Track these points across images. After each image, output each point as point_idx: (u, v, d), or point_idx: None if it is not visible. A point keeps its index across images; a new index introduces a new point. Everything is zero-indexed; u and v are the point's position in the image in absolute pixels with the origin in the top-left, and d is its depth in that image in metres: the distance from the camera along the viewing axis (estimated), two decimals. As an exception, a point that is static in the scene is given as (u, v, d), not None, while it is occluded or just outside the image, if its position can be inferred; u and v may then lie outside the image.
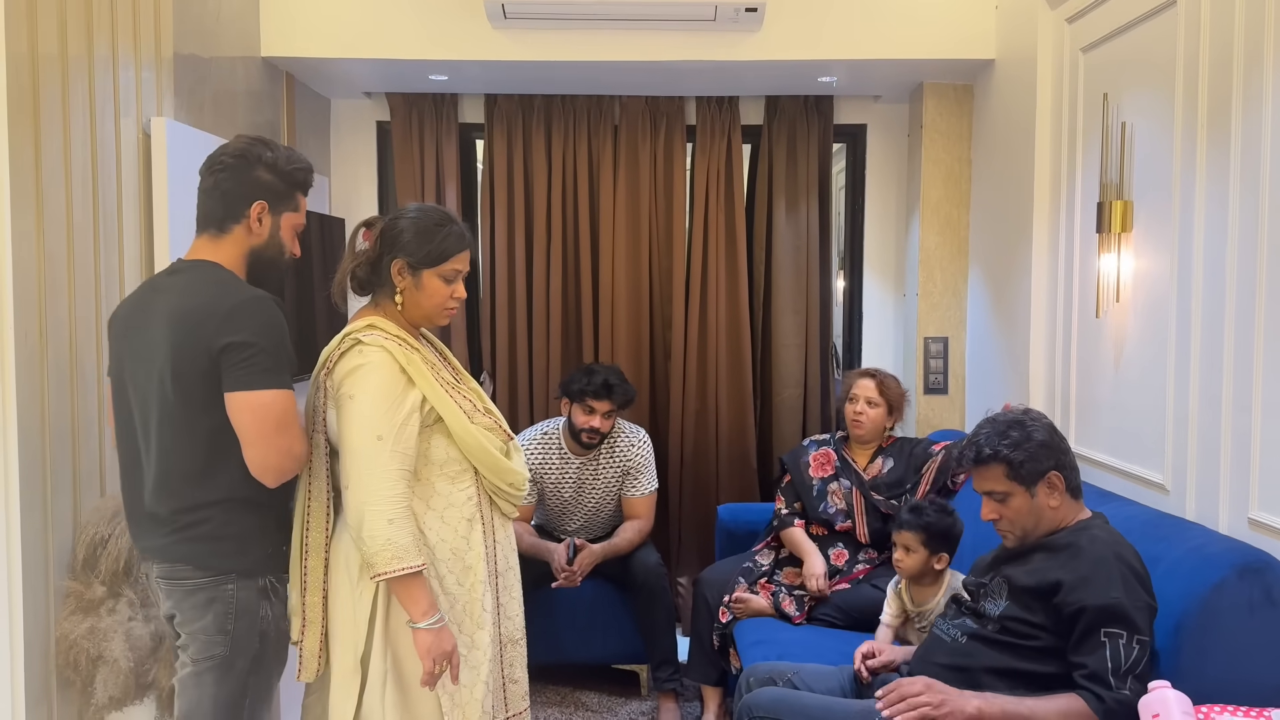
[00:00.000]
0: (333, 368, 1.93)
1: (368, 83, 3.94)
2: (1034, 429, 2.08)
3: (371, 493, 1.84)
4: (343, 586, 1.98)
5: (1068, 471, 2.09)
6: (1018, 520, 2.09)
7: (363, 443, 1.86)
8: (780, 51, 3.46)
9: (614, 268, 4.05)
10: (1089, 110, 2.81)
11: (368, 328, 1.95)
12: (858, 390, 3.25)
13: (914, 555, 2.59)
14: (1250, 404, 2.10)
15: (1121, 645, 1.88)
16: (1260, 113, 2.08)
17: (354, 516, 1.87)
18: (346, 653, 1.97)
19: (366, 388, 1.88)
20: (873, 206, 4.18)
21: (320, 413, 1.98)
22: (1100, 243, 2.64)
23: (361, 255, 2.01)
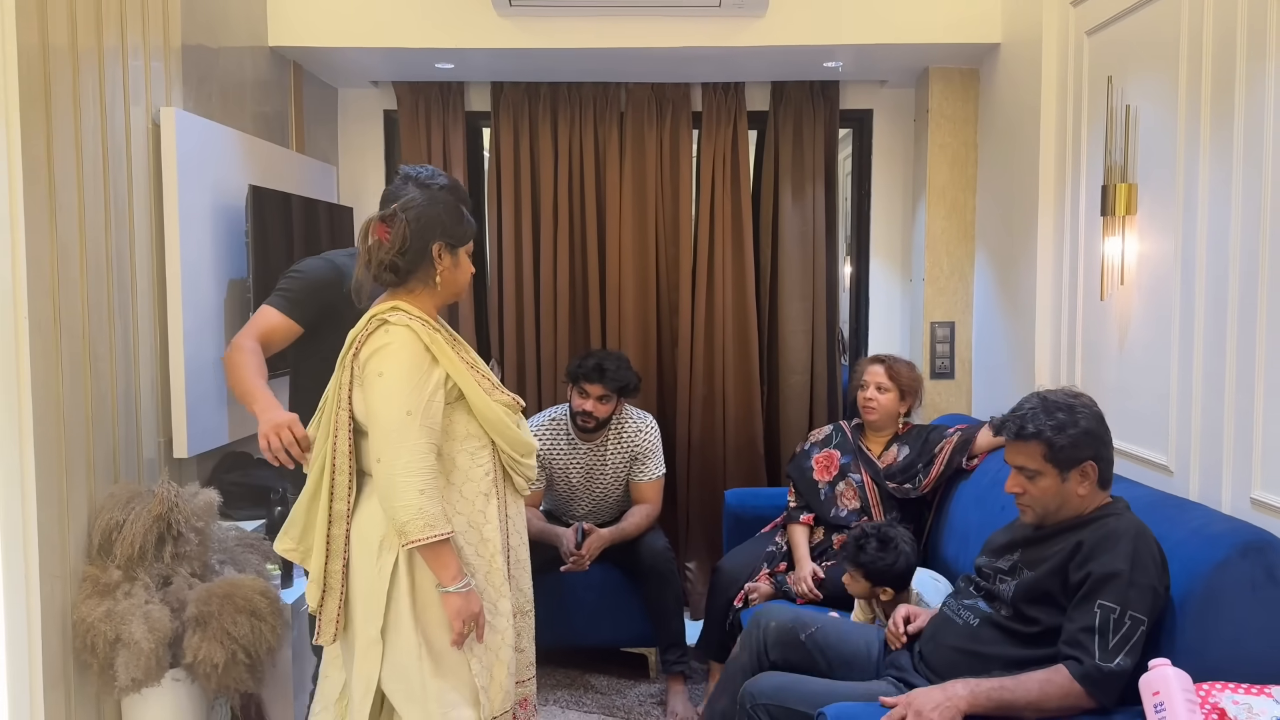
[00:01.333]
0: (359, 349, 2.00)
1: (375, 72, 3.95)
2: (1082, 415, 2.07)
3: (403, 465, 1.93)
4: (365, 557, 2.04)
5: (1104, 463, 2.08)
6: (1041, 499, 2.10)
7: (393, 418, 1.94)
8: (785, 37, 3.46)
9: (620, 255, 4.06)
10: (1093, 93, 2.81)
11: (392, 309, 2.02)
12: (868, 377, 3.26)
13: (858, 584, 2.64)
14: (1253, 384, 2.11)
15: (1113, 618, 1.89)
16: (1263, 94, 2.09)
17: (385, 488, 1.95)
18: (369, 623, 2.03)
19: (394, 365, 1.96)
20: (879, 192, 4.18)
21: (345, 391, 2.02)
22: (1105, 225, 2.65)
23: (393, 247, 2.01)
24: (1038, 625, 2.03)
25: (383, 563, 2.01)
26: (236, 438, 3.08)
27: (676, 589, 3.47)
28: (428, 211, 2.03)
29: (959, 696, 1.94)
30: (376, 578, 2.01)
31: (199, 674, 2.37)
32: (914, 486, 3.14)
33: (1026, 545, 2.13)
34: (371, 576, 2.02)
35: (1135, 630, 1.89)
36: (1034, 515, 2.13)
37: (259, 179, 3.16)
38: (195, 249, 2.82)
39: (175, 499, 2.46)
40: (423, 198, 2.04)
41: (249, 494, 3.00)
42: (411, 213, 2.02)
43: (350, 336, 2.04)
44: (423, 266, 2.05)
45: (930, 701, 1.95)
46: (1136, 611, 1.90)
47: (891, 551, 2.60)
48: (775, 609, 2.43)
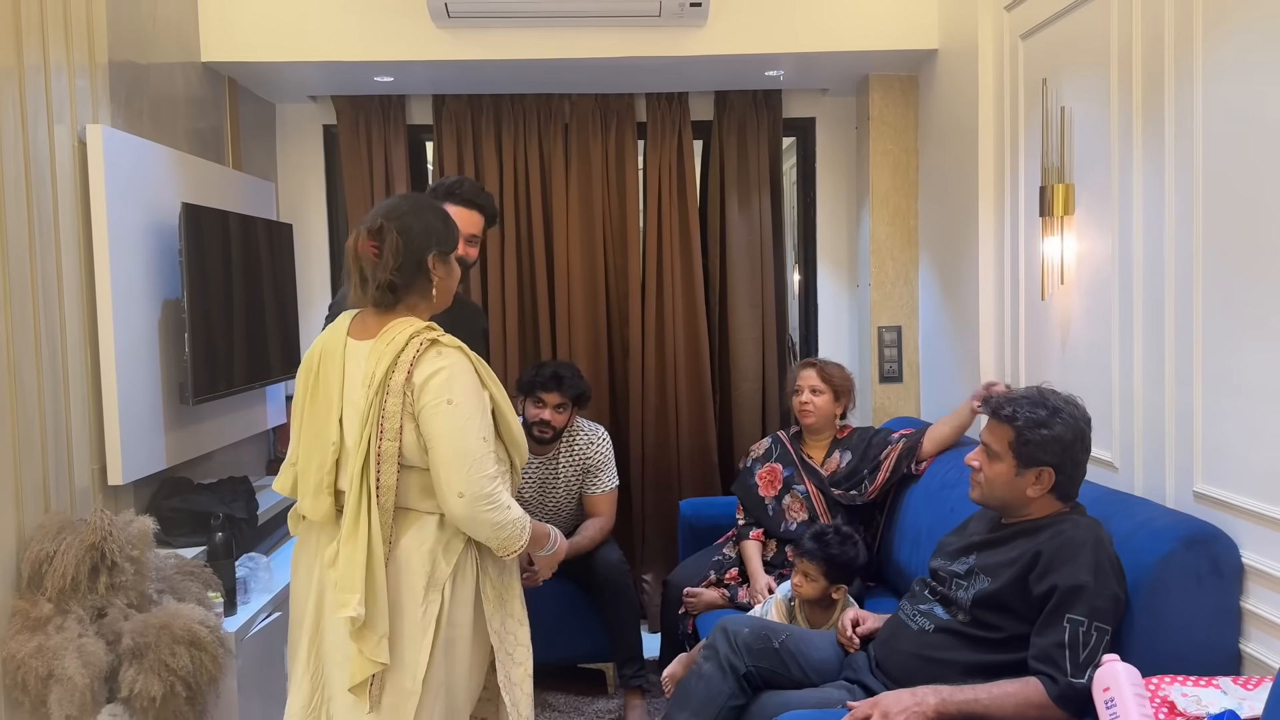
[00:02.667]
0: (412, 372, 1.85)
1: (312, 86, 3.90)
2: (1060, 423, 2.04)
3: (490, 494, 1.86)
4: (406, 602, 1.89)
5: (1064, 475, 2.06)
6: (992, 482, 2.10)
7: (472, 446, 1.85)
8: (726, 46, 3.47)
9: (569, 266, 4.04)
10: (1029, 96, 2.85)
11: (427, 328, 1.91)
12: (801, 381, 3.26)
13: (813, 583, 2.62)
14: (1191, 380, 2.14)
15: (1081, 631, 1.89)
16: (1191, 93, 2.12)
17: (476, 520, 1.86)
18: (403, 673, 1.89)
19: (462, 391, 1.86)
20: (824, 199, 4.20)
21: (396, 421, 1.84)
22: (1044, 226, 2.68)
23: (388, 264, 1.90)
24: (999, 632, 2.02)
25: (429, 603, 1.89)
26: (176, 462, 3.00)
27: (632, 602, 3.44)
28: (417, 221, 1.94)
29: (928, 704, 1.93)
30: (420, 623, 1.88)
31: (136, 708, 2.29)
32: (860, 493, 3.14)
33: (982, 548, 2.13)
34: (415, 621, 1.88)
35: (1101, 641, 1.90)
36: (979, 493, 2.15)
37: (193, 197, 3.08)
38: (126, 270, 2.74)
39: (109, 527, 2.38)
40: (408, 206, 1.97)
41: (189, 520, 2.92)
42: (399, 223, 1.92)
43: (386, 358, 1.86)
44: (419, 281, 1.95)
45: (899, 704, 1.94)
46: (1102, 622, 1.90)
47: (851, 545, 2.64)
48: (739, 618, 2.41)
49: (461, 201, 2.60)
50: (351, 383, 1.91)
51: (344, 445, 1.91)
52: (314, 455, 1.94)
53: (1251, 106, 1.95)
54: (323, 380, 1.96)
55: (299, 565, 2.07)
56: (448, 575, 1.91)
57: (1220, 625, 1.97)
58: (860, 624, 2.32)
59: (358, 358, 1.91)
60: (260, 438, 3.90)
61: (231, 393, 3.25)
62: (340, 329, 1.98)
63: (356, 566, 1.84)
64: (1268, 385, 1.92)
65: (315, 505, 1.94)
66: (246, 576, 2.90)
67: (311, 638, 1.97)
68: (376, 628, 1.84)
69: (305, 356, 2.04)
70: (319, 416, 1.95)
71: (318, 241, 4.14)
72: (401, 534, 1.90)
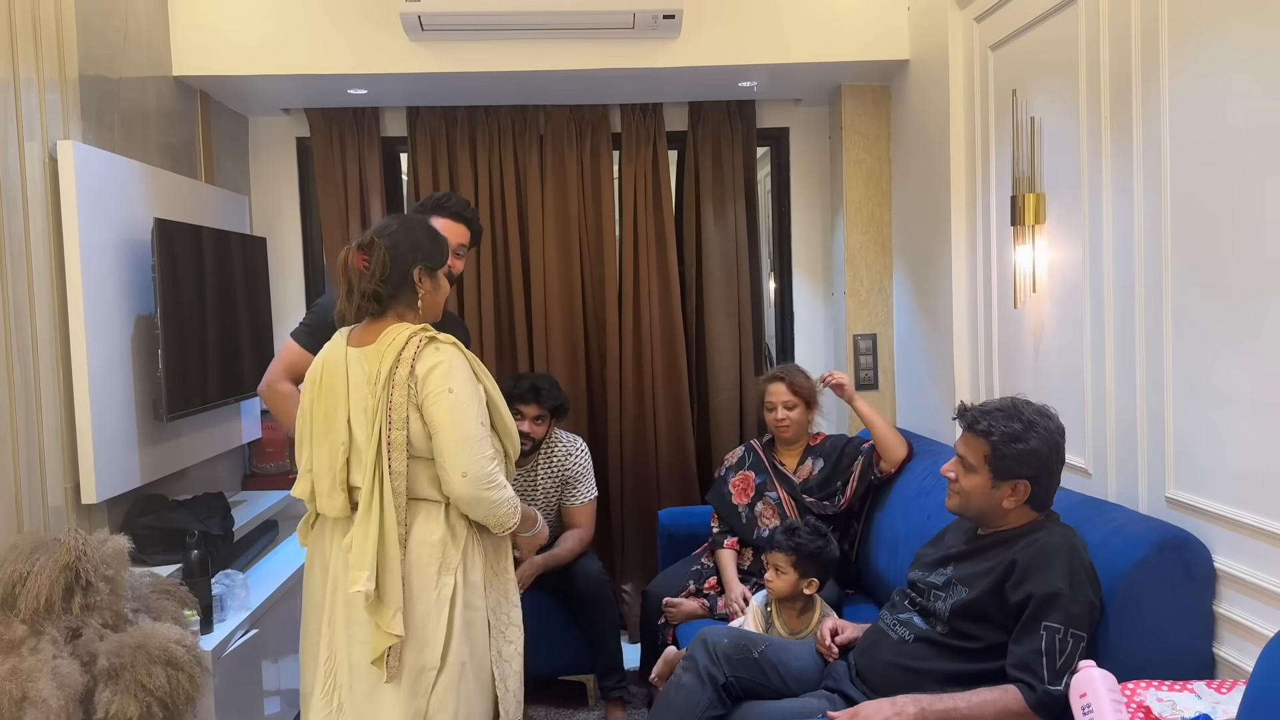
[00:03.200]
0: (414, 366, 2.02)
1: (285, 99, 3.88)
2: (1035, 436, 2.05)
3: (490, 474, 2.03)
4: (422, 585, 2.04)
5: (1039, 487, 2.08)
6: (968, 493, 2.12)
7: (472, 430, 2.02)
8: (700, 57, 3.49)
9: (545, 277, 4.04)
10: (999, 107, 2.88)
11: (422, 329, 2.08)
12: (772, 397, 3.26)
13: (784, 577, 2.63)
14: (1162, 386, 2.17)
15: (1058, 639, 1.91)
16: (1158, 103, 2.16)
17: (475, 498, 2.03)
18: (421, 652, 2.04)
19: (460, 381, 2.04)
20: (798, 208, 4.23)
21: (403, 411, 2.01)
22: (1015, 235, 2.71)
23: (374, 275, 2.08)
24: (978, 642, 2.04)
25: (442, 585, 2.05)
26: (150, 479, 2.97)
27: (612, 613, 3.44)
28: (405, 238, 2.11)
29: (907, 713, 1.94)
30: (435, 604, 2.04)
31: (113, 730, 2.26)
32: (833, 504, 3.16)
33: (959, 560, 2.15)
34: (430, 602, 2.04)
35: (1077, 648, 1.92)
36: (956, 503, 2.17)
37: (165, 212, 3.06)
38: (99, 286, 2.72)
39: (83, 547, 2.35)
40: (398, 224, 2.15)
41: (164, 537, 2.89)
42: (389, 239, 2.09)
43: (389, 356, 2.03)
44: (405, 293, 2.11)
45: (879, 714, 1.95)
46: (1078, 629, 1.92)
47: (821, 538, 2.67)
48: (718, 629, 2.41)
49: (449, 215, 2.68)
50: (356, 385, 2.08)
51: (353, 443, 2.08)
52: (325, 457, 2.11)
53: (1217, 118, 1.98)
54: (327, 389, 2.13)
55: (314, 564, 2.22)
56: (458, 560, 2.07)
57: (1194, 629, 2.00)
58: (839, 633, 2.33)
59: (359, 362, 2.09)
60: (236, 453, 3.87)
61: (206, 408, 3.22)
62: (339, 344, 2.16)
63: (369, 545, 2.00)
64: (1235, 392, 1.95)
65: (330, 502, 2.11)
66: (223, 594, 2.87)
67: (327, 629, 2.13)
68: (390, 602, 2.00)
69: (308, 373, 2.22)
70: (328, 421, 2.12)
71: (292, 255, 4.11)
72: (413, 522, 2.06)
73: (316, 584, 2.19)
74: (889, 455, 3.12)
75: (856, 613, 3.05)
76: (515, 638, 2.20)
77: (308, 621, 2.23)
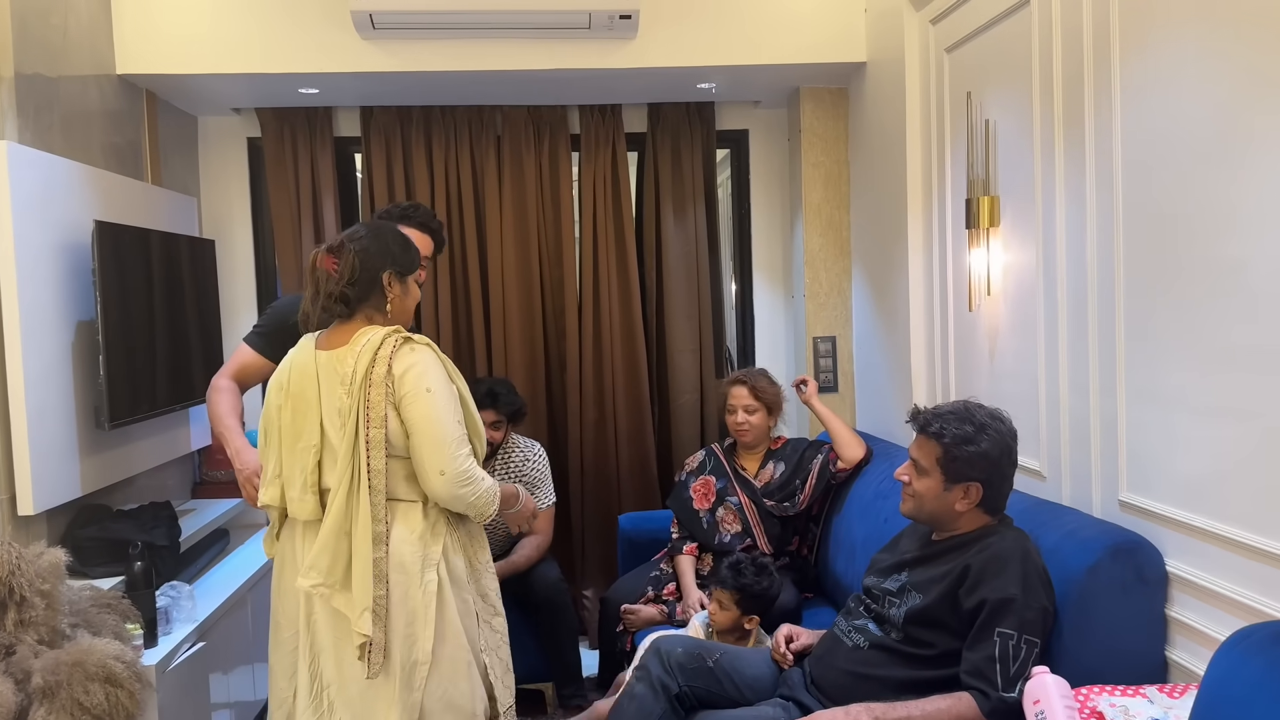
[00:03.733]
0: (391, 365, 2.02)
1: (235, 98, 3.80)
2: (987, 439, 2.05)
3: (466, 471, 2.05)
4: (407, 581, 2.04)
5: (992, 490, 2.07)
6: (921, 495, 2.11)
7: (450, 429, 2.04)
8: (657, 58, 3.46)
9: (504, 280, 3.99)
10: (955, 109, 2.88)
11: (396, 330, 2.08)
12: (734, 400, 3.25)
13: (726, 613, 2.65)
14: (1114, 389, 2.17)
15: (1011, 645, 1.90)
16: (1111, 105, 2.16)
17: (455, 493, 2.04)
18: (412, 647, 2.04)
19: (436, 379, 2.06)
20: (758, 210, 4.22)
21: (381, 410, 2.00)
22: (970, 238, 2.71)
23: (342, 278, 2.08)
24: (932, 648, 2.02)
25: (427, 581, 2.05)
26: (92, 489, 2.89)
27: (571, 621, 3.40)
28: (375, 242, 2.12)
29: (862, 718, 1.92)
30: (421, 599, 2.04)
31: (48, 750, 2.19)
32: (792, 504, 3.15)
33: (913, 565, 2.14)
34: (416, 599, 2.04)
35: (1031, 654, 1.90)
36: (909, 507, 2.17)
37: (108, 214, 2.98)
38: (36, 290, 2.63)
39: (17, 561, 2.27)
40: (369, 230, 2.15)
41: (107, 549, 2.81)
42: (359, 243, 2.10)
43: (365, 357, 2.02)
44: (373, 296, 2.11)
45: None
46: (1031, 635, 1.91)
47: (767, 577, 2.66)
48: (672, 637, 2.38)
49: (416, 225, 2.65)
50: (328, 388, 2.07)
51: (325, 445, 2.07)
52: (296, 461, 2.10)
53: (1169, 120, 1.98)
54: (296, 393, 2.12)
55: (284, 570, 2.19)
56: (439, 554, 2.08)
57: (1146, 634, 2.00)
58: (794, 640, 2.31)
59: (331, 364, 2.07)
60: (184, 460, 3.79)
61: (152, 415, 3.14)
62: (307, 348, 2.15)
63: (326, 543, 2.02)
64: (1186, 396, 1.95)
65: (302, 505, 2.10)
66: (168, 606, 2.80)
67: (306, 632, 2.11)
68: (358, 601, 2.00)
69: (273, 378, 2.20)
70: (298, 425, 2.11)
71: (243, 257, 4.03)
72: (393, 523, 2.06)
73: (289, 589, 2.16)
74: (845, 454, 3.11)
75: (815, 616, 3.04)
76: (500, 626, 2.23)
77: (280, 629, 2.20)
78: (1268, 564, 1.75)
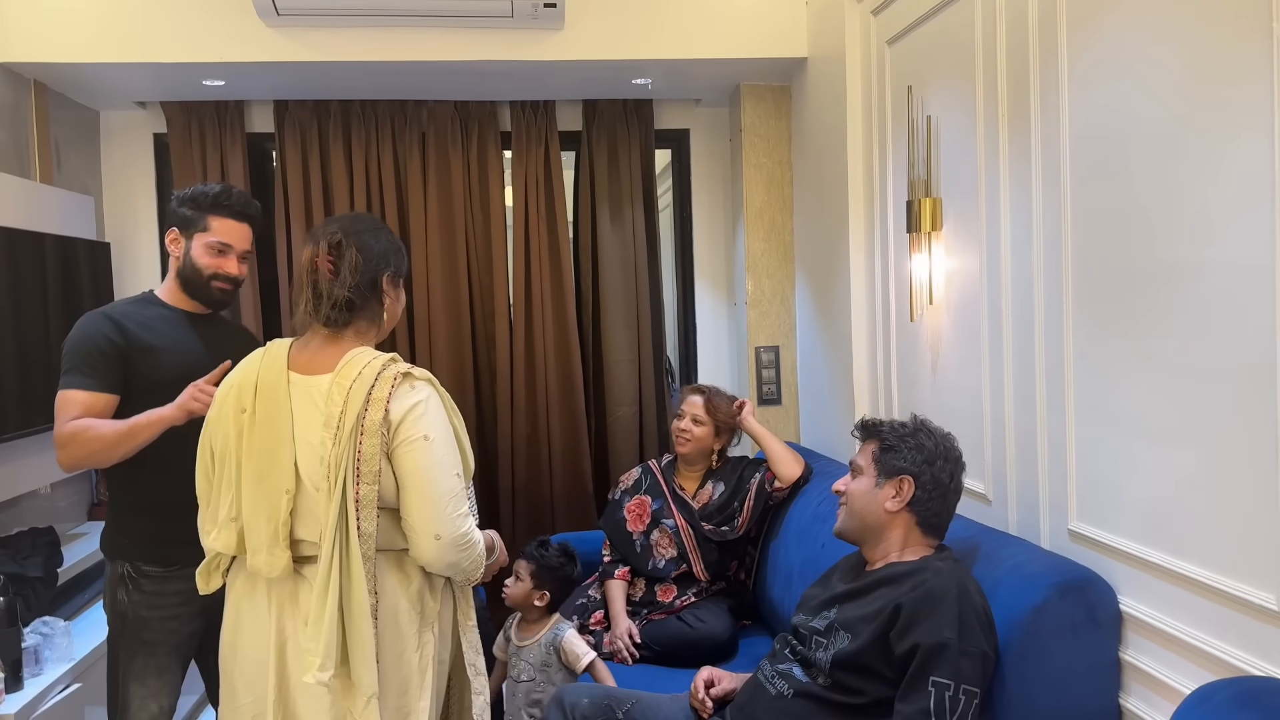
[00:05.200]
0: (389, 409, 1.68)
1: (137, 91, 3.54)
2: (929, 440, 1.97)
3: (465, 534, 1.74)
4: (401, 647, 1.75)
5: (924, 491, 1.92)
6: (853, 499, 1.99)
7: (448, 485, 1.72)
8: (586, 50, 3.25)
9: (429, 285, 3.76)
10: (896, 105, 2.70)
11: (391, 360, 1.75)
12: (685, 407, 3.07)
13: (520, 584, 2.76)
14: (1063, 407, 1.98)
15: (948, 696, 1.69)
16: (1058, 101, 1.98)
17: (446, 562, 1.74)
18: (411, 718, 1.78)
19: (437, 426, 1.73)
20: (700, 214, 4.02)
21: (375, 464, 1.67)
22: (912, 242, 2.52)
23: (347, 280, 1.76)
24: (862, 696, 1.82)
25: (424, 644, 1.79)
26: (-45, 517, 2.62)
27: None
28: (374, 240, 1.81)
29: None
30: (417, 665, 1.77)
31: None
32: (731, 528, 2.95)
33: (843, 600, 1.94)
34: (411, 664, 1.76)
35: (970, 706, 1.71)
36: (841, 520, 2.03)
37: (-20, 213, 2.72)
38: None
39: None
40: (364, 223, 1.84)
41: (-33, 584, 2.54)
42: (358, 239, 1.79)
43: (358, 396, 1.67)
44: (371, 302, 1.80)
45: None
46: (970, 684, 1.71)
47: (570, 563, 2.83)
48: (578, 687, 2.16)
49: (232, 214, 2.25)
50: (305, 423, 1.72)
51: (301, 492, 1.72)
52: (261, 505, 1.73)
53: (1119, 114, 1.80)
54: (262, 421, 1.74)
55: (242, 627, 1.82)
56: (436, 610, 1.81)
57: (1099, 680, 1.81)
58: (715, 684, 2.10)
59: (309, 393, 1.72)
60: (81, 480, 3.52)
61: (31, 433, 2.88)
62: (278, 365, 1.77)
63: (331, 625, 1.66)
64: (1140, 416, 1.77)
65: (271, 560, 1.73)
66: (39, 644, 2.54)
67: (276, 703, 1.75)
68: (364, 688, 1.68)
69: (230, 395, 1.80)
70: (263, 461, 1.74)
71: (148, 260, 3.76)
72: (385, 578, 1.75)
73: (250, 652, 1.80)
74: (781, 472, 2.92)
75: (751, 646, 2.85)
76: (482, 688, 1.91)
77: (235, 695, 1.83)
78: (1231, 608, 1.57)
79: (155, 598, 2.17)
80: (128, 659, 2.19)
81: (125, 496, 2.21)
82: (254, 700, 1.79)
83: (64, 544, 2.97)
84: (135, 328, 2.17)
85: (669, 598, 2.95)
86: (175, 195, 2.28)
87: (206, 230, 2.23)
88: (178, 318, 2.26)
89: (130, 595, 2.16)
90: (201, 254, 2.23)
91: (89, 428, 2.07)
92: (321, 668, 1.65)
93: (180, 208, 2.25)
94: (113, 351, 2.12)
